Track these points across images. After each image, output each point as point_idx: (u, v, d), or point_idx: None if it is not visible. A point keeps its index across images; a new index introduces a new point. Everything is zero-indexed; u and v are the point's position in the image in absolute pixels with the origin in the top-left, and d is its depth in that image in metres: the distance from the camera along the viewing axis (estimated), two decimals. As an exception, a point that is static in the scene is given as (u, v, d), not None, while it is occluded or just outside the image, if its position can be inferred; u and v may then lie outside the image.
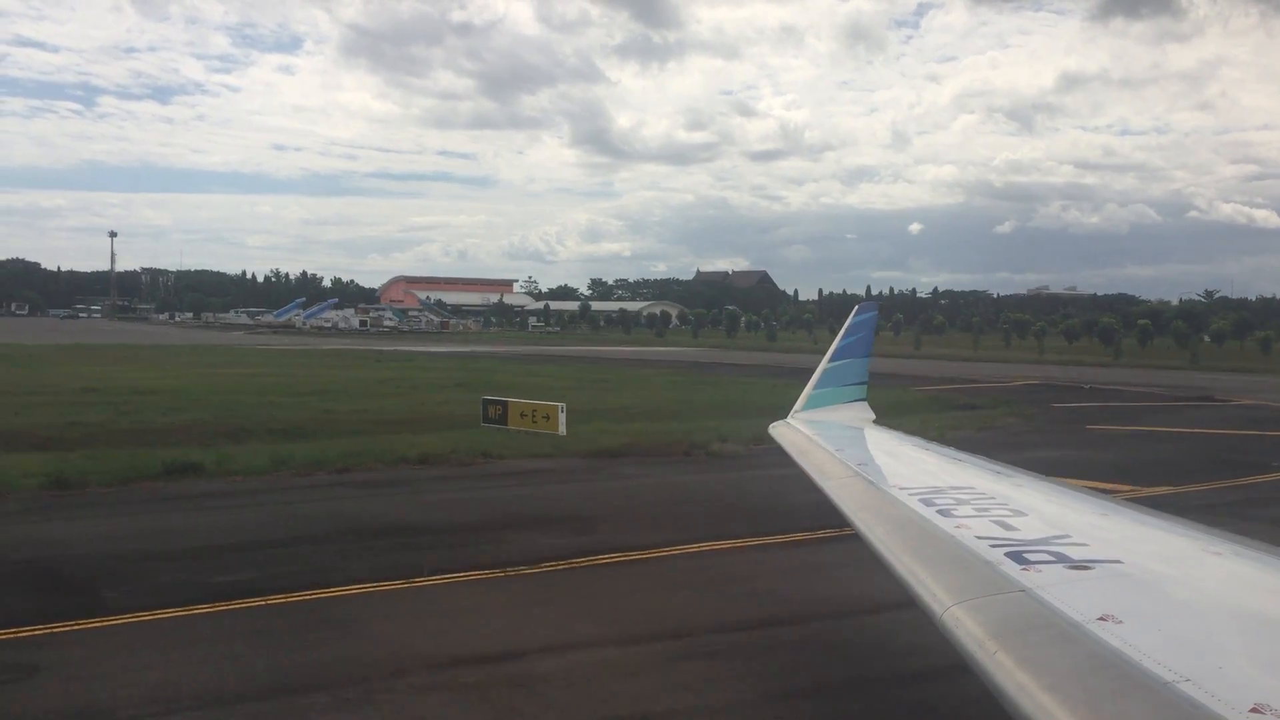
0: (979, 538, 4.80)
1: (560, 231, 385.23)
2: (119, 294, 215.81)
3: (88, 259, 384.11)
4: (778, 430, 10.30)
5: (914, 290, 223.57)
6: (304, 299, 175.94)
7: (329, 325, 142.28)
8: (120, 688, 8.64)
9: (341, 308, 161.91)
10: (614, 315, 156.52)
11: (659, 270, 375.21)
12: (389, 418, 31.79)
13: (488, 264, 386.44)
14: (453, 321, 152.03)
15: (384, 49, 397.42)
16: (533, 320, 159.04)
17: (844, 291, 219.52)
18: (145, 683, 8.82)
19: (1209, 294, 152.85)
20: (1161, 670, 3.03)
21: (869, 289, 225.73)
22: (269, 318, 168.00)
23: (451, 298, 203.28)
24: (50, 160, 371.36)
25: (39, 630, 10.21)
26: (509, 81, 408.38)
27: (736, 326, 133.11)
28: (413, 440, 25.15)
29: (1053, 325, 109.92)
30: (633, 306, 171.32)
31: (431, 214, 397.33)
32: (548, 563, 13.04)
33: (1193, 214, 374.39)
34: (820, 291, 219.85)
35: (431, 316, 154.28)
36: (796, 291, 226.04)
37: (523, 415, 28.16)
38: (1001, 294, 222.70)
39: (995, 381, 52.43)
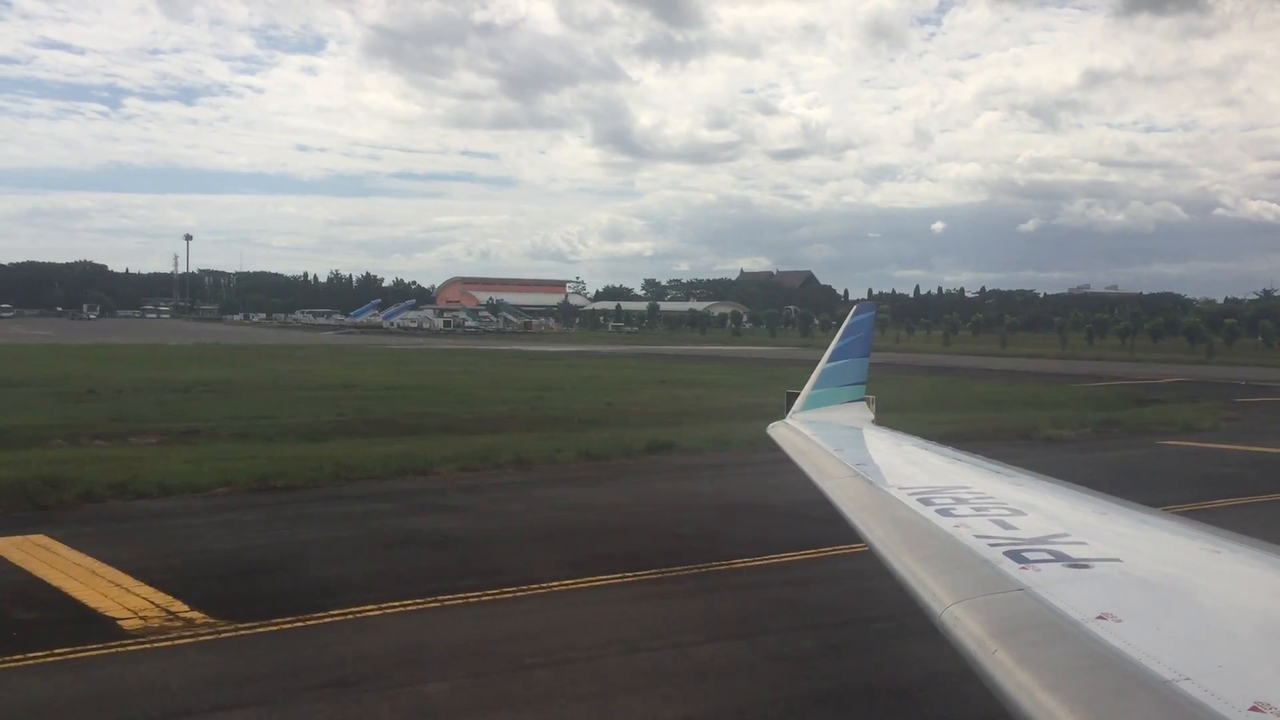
0: (978, 537, 4.85)
1: (582, 231, 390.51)
2: (180, 295, 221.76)
3: (110, 258, 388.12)
4: (776, 431, 10.35)
5: (962, 289, 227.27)
6: (379, 300, 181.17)
7: (414, 325, 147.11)
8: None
9: (417, 308, 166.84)
10: (684, 315, 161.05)
11: (681, 269, 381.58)
12: (665, 410, 35.88)
13: (510, 264, 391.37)
14: (536, 322, 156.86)
15: (407, 49, 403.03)
16: (606, 319, 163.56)
17: (893, 290, 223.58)
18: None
19: (1266, 293, 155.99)
20: (1161, 669, 3.05)
21: (917, 288, 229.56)
22: (338, 318, 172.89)
23: (509, 298, 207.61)
24: (77, 162, 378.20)
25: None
26: (531, 81, 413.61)
27: (810, 326, 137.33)
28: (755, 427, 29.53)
29: (1117, 324, 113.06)
30: (699, 306, 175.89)
31: (454, 214, 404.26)
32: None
33: (1219, 211, 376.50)
34: (869, 291, 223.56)
35: (510, 317, 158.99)
36: (847, 291, 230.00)
37: (830, 407, 32.58)
38: (1027, 293, 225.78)
39: (1139, 379, 56.47)
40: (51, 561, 12.93)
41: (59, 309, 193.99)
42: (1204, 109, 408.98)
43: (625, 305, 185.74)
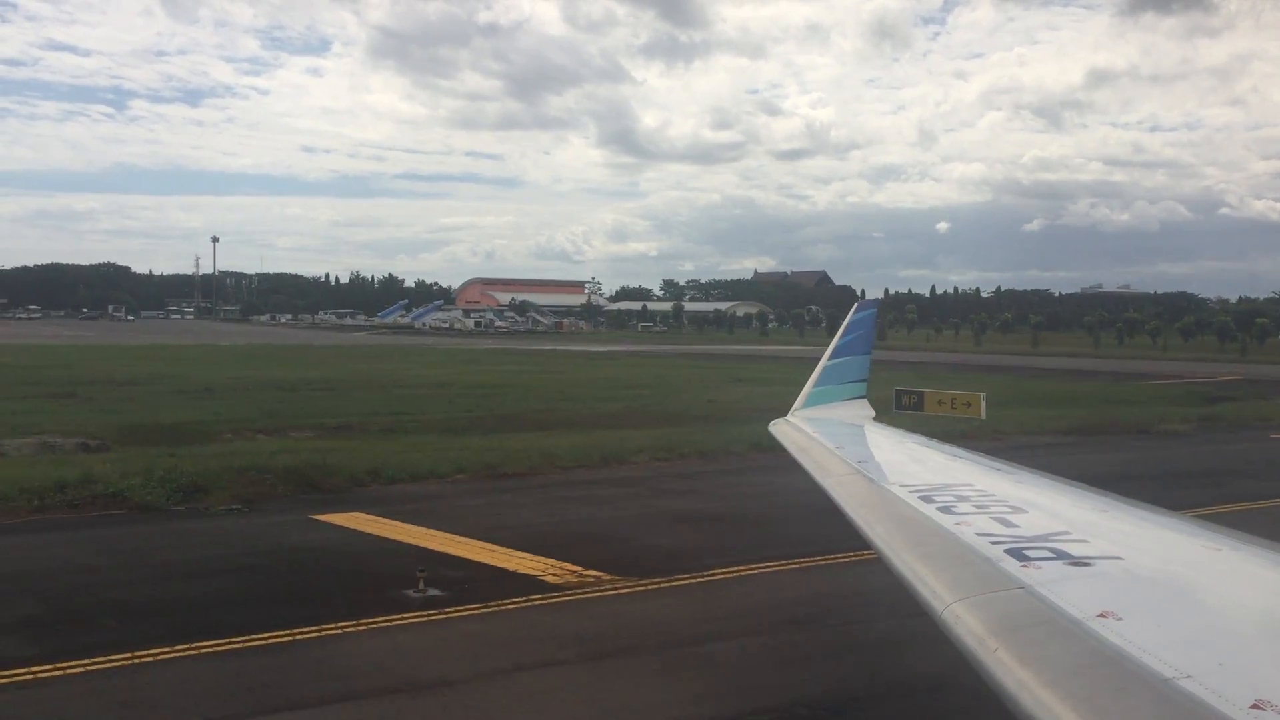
0: (979, 535, 4.86)
1: (586, 231, 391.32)
2: (202, 296, 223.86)
3: (116, 259, 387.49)
4: (778, 428, 10.42)
5: (977, 289, 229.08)
6: (406, 301, 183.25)
7: (445, 326, 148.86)
8: None
9: (446, 309, 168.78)
10: (708, 315, 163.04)
11: (686, 269, 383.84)
12: (765, 407, 37.38)
13: (515, 264, 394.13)
14: (566, 322, 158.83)
15: (411, 50, 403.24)
16: (633, 320, 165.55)
17: (909, 290, 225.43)
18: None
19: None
20: (1162, 667, 3.05)
21: (933, 288, 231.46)
22: (362, 318, 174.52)
23: (529, 299, 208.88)
24: (83, 163, 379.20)
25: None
26: (535, 82, 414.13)
27: (838, 325, 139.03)
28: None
29: (1146, 324, 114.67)
30: (722, 307, 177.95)
31: (459, 214, 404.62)
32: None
33: (1224, 211, 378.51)
34: (886, 290, 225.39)
35: (539, 318, 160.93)
36: (863, 290, 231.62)
37: (940, 402, 34.29)
38: (1042, 292, 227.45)
39: (1195, 378, 58.16)
40: (406, 533, 14.79)
41: (84, 310, 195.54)
42: (1209, 108, 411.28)
43: (650, 306, 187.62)
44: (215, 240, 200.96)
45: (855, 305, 13.36)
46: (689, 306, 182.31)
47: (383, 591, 11.39)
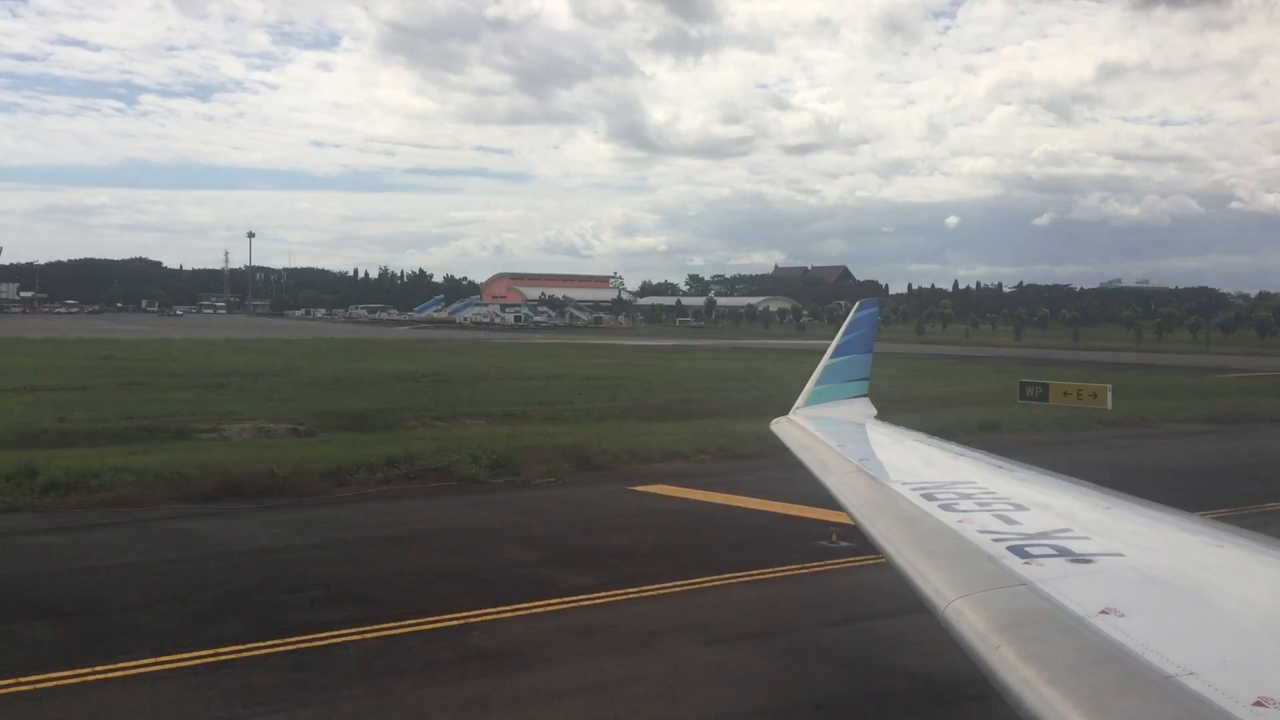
0: (981, 532, 4.90)
1: (596, 226, 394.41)
2: (231, 291, 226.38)
3: (125, 253, 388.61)
4: (779, 426, 10.54)
5: (1000, 285, 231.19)
6: (443, 296, 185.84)
7: (486, 320, 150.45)
8: None
9: (483, 304, 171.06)
10: (741, 310, 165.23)
11: (696, 264, 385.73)
12: (885, 396, 39.78)
13: (524, 258, 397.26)
14: (605, 317, 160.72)
15: (421, 45, 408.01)
16: (668, 314, 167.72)
17: (932, 285, 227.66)
18: None
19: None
20: (1164, 664, 3.07)
21: (956, 283, 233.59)
22: (393, 313, 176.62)
23: (556, 293, 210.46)
24: (94, 158, 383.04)
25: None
26: (545, 77, 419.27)
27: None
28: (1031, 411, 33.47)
29: (1186, 319, 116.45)
30: (754, 302, 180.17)
31: (468, 209, 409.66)
32: None
33: (1235, 205, 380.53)
34: (909, 286, 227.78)
35: (576, 313, 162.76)
36: (888, 286, 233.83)
37: (1065, 394, 36.35)
38: (1063, 287, 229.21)
39: (1261, 371, 60.08)
40: (733, 500, 17.08)
41: (119, 305, 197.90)
42: (1220, 102, 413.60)
43: (681, 301, 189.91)
44: (251, 235, 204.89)
45: (857, 304, 13.60)
46: (722, 301, 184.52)
47: (801, 543, 13.60)
